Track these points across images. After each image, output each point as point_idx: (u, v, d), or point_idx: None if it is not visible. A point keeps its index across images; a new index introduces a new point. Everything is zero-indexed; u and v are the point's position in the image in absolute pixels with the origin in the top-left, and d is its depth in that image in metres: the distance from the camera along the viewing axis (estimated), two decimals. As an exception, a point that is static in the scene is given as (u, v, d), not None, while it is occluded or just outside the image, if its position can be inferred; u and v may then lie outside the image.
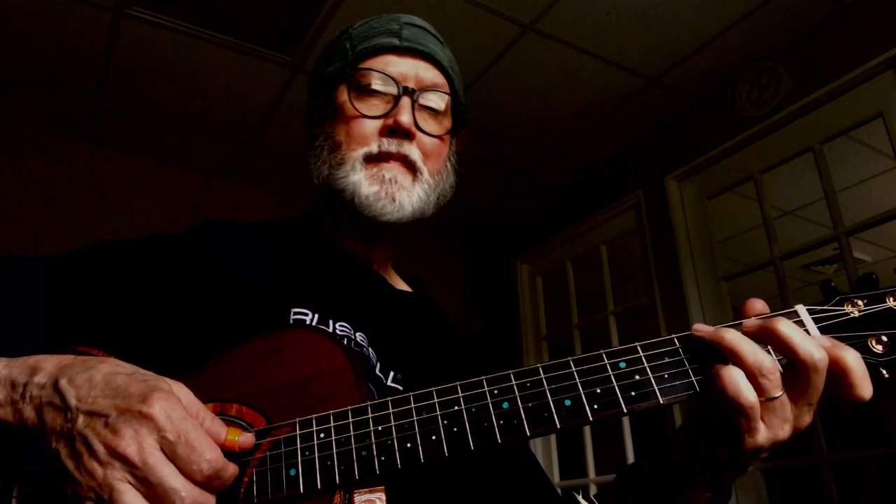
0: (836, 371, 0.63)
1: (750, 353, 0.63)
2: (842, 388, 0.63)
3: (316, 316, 0.87)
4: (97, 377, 0.62)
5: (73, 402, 0.60)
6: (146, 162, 3.56)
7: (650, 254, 3.24)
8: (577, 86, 3.00)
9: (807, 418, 0.65)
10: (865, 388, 0.63)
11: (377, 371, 0.87)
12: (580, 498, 0.90)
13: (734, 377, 0.62)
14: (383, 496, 0.65)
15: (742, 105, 2.86)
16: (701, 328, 0.68)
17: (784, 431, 0.64)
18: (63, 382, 0.61)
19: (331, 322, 0.87)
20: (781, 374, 0.64)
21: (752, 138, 2.84)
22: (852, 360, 0.62)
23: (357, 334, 0.88)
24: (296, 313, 0.86)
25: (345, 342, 0.83)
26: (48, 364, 0.64)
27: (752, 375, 0.63)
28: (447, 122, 1.02)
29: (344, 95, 0.97)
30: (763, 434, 0.63)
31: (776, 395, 0.63)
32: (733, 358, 0.64)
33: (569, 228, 3.79)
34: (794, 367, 0.63)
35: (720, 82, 2.97)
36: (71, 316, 0.80)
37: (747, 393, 0.61)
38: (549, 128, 3.33)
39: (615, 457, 3.30)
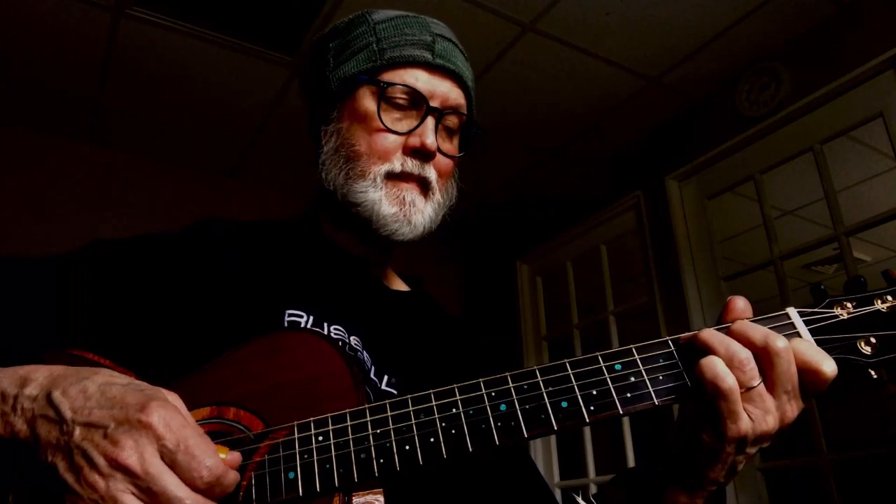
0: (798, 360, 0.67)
1: (721, 345, 0.67)
2: (806, 373, 0.67)
3: (311, 318, 0.86)
4: (91, 388, 0.61)
5: (68, 414, 0.59)
6: (146, 162, 3.56)
7: (650, 254, 3.24)
8: (577, 86, 3.00)
9: (790, 411, 0.68)
10: (825, 364, 0.66)
11: (371, 375, 0.87)
12: (579, 499, 0.90)
13: (712, 363, 0.66)
14: (382, 498, 0.66)
15: (742, 105, 2.86)
16: (683, 335, 0.71)
17: (767, 423, 0.67)
18: (56, 394, 0.60)
19: (325, 325, 0.87)
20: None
21: (752, 138, 2.84)
22: (804, 346, 0.67)
23: (351, 338, 0.88)
24: (290, 315, 0.86)
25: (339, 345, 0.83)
26: (39, 375, 0.63)
27: (727, 366, 0.66)
28: (457, 141, 1.03)
29: (370, 103, 0.95)
30: (746, 422, 0.66)
31: (753, 385, 0.66)
32: (710, 351, 0.68)
33: (569, 228, 3.79)
34: (759, 356, 0.67)
35: (720, 82, 2.97)
36: (65, 318, 0.80)
37: (724, 376, 0.65)
38: (549, 128, 3.33)
39: (615, 457, 3.31)
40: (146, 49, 2.73)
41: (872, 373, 0.68)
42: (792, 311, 0.72)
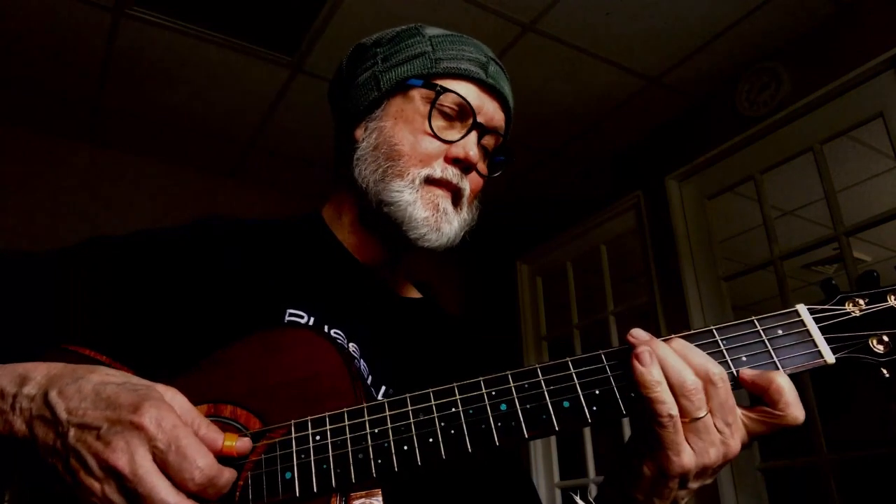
0: (760, 387, 0.64)
1: (674, 370, 0.64)
2: (772, 407, 0.64)
3: (311, 319, 0.85)
4: (87, 388, 0.60)
5: (63, 415, 0.59)
6: (146, 162, 3.56)
7: (650, 254, 3.23)
8: (577, 86, 2.99)
9: (734, 444, 0.65)
10: (797, 411, 0.63)
11: (368, 384, 0.86)
12: (578, 499, 0.89)
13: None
14: (380, 499, 0.65)
15: (742, 105, 2.86)
16: (636, 335, 0.67)
17: (710, 457, 0.64)
18: (53, 394, 0.60)
19: (325, 327, 0.86)
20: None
21: (752, 138, 2.83)
22: (783, 381, 0.63)
23: (350, 344, 0.87)
24: (291, 314, 0.85)
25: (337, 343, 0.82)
26: (37, 374, 0.63)
27: (675, 394, 0.63)
28: (486, 164, 1.03)
29: (421, 106, 0.95)
30: (688, 455, 0.63)
31: (699, 416, 0.63)
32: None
33: (569, 228, 3.79)
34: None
35: (720, 82, 2.96)
36: (64, 316, 0.79)
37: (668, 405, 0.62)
38: (550, 128, 3.32)
39: (615, 457, 3.30)
40: (146, 49, 2.72)
41: (885, 372, 0.65)
42: (802, 309, 0.69)
